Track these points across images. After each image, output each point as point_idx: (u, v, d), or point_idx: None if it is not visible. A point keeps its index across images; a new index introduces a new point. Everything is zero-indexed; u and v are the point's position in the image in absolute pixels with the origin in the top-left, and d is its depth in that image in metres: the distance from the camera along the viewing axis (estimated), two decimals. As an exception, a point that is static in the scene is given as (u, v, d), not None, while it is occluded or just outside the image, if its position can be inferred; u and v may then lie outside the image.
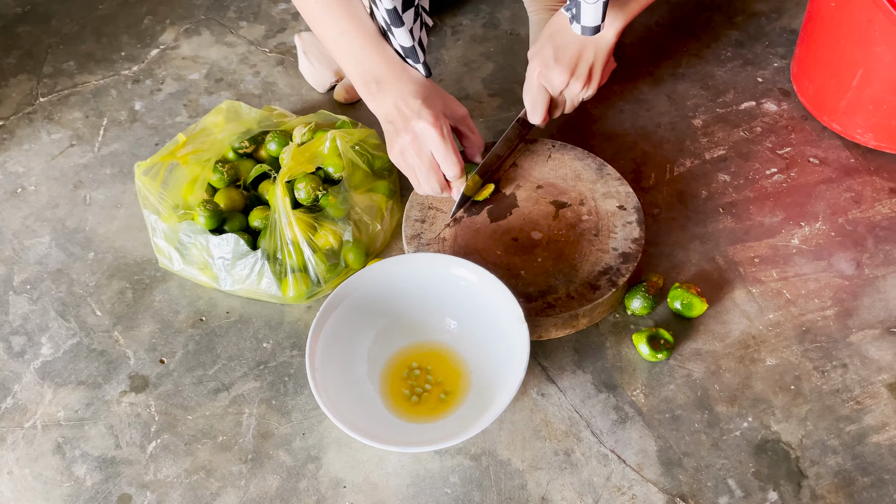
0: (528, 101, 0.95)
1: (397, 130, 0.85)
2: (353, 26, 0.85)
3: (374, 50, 0.86)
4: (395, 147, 0.86)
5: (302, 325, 0.92)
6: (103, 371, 0.89)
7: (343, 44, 0.86)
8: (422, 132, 0.84)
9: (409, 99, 0.84)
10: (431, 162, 0.86)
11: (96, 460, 0.83)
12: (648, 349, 0.85)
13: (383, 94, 0.85)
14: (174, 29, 1.23)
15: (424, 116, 0.83)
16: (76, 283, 0.96)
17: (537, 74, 0.93)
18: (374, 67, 0.86)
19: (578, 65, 0.93)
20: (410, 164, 0.86)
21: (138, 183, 0.90)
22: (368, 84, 0.86)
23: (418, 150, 0.85)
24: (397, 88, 0.85)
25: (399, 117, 0.84)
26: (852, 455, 0.80)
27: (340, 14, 0.85)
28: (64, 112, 1.13)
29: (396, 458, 0.82)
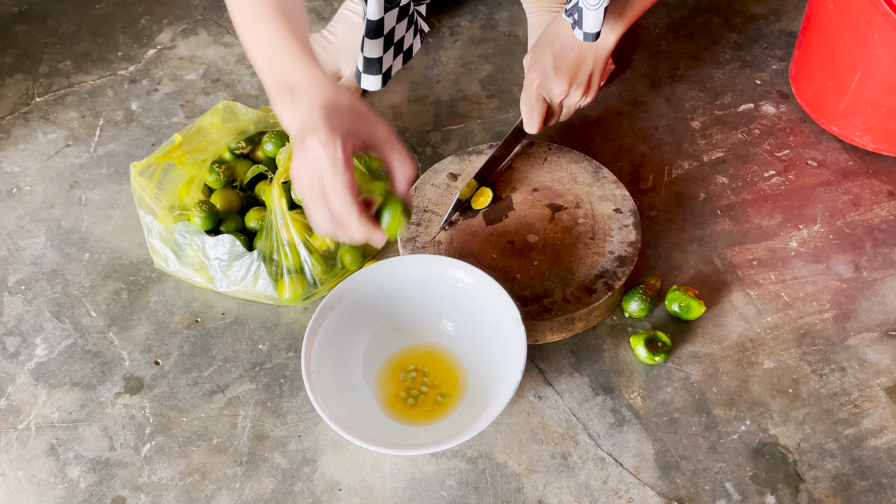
0: (525, 110, 0.93)
1: (295, 148, 0.70)
2: (280, 30, 0.74)
3: (295, 55, 0.73)
4: (293, 167, 0.70)
5: (298, 326, 0.91)
6: (98, 372, 0.88)
7: (264, 48, 0.75)
8: (312, 152, 0.68)
9: (315, 111, 0.69)
10: (321, 192, 0.69)
11: (90, 462, 0.82)
12: (646, 352, 0.84)
13: (295, 105, 0.71)
14: (171, 29, 1.22)
15: (318, 132, 0.68)
16: (71, 283, 0.96)
17: (537, 85, 0.92)
18: (291, 73, 0.73)
19: (578, 73, 0.92)
20: (301, 191, 0.71)
21: (134, 183, 0.90)
22: (282, 92, 0.72)
23: (308, 174, 0.69)
24: (310, 100, 0.71)
25: (300, 133, 0.70)
26: (850, 459, 0.80)
27: (271, 18, 0.74)
28: (60, 112, 1.13)
29: (392, 460, 0.81)
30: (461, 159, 0.98)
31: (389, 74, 0.93)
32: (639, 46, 1.17)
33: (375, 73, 0.90)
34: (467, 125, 1.09)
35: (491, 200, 0.94)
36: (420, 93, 1.12)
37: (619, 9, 0.90)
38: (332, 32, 1.12)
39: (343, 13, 1.13)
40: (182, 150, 0.93)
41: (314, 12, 1.23)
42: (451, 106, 1.11)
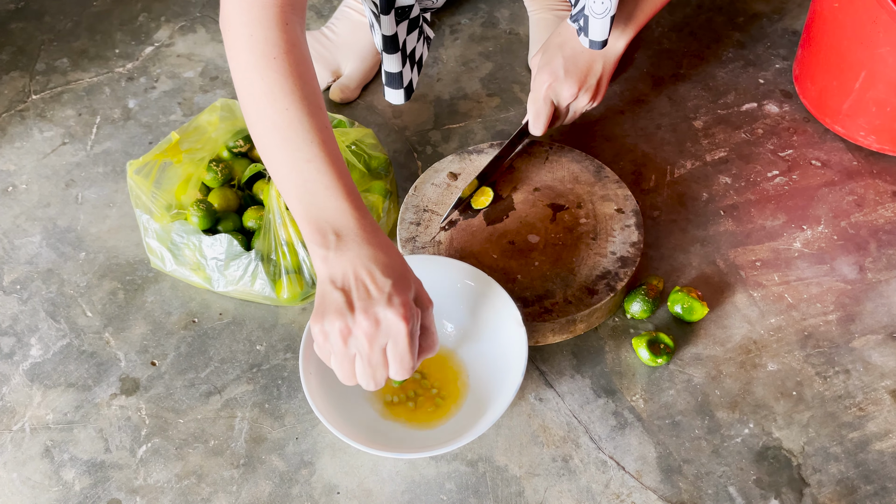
0: (532, 111, 0.93)
1: (350, 307, 0.64)
2: (324, 155, 0.66)
3: (344, 193, 0.66)
4: (334, 324, 0.64)
5: (296, 327, 0.90)
6: (93, 373, 0.87)
7: (306, 172, 0.66)
8: (387, 324, 0.64)
9: (377, 273, 0.64)
10: (382, 359, 0.65)
11: (85, 464, 0.81)
12: (648, 354, 0.83)
13: (341, 252, 0.65)
14: (169, 26, 1.21)
15: (395, 306, 0.63)
16: (67, 283, 0.94)
17: (546, 87, 0.91)
18: (338, 215, 0.66)
19: (588, 78, 0.91)
20: (349, 352, 0.65)
21: (130, 182, 0.89)
22: (325, 233, 0.65)
23: (371, 342, 0.64)
24: (363, 252, 0.65)
25: (358, 292, 0.64)
26: (855, 463, 0.79)
27: (315, 135, 0.66)
28: (56, 110, 1.12)
29: (391, 463, 0.80)
30: (461, 158, 0.97)
31: (412, 88, 0.92)
32: (641, 45, 1.16)
33: (398, 87, 0.90)
34: (468, 124, 1.08)
35: (491, 200, 0.93)
36: (420, 91, 1.11)
37: (628, 14, 0.89)
38: (332, 30, 1.11)
39: (343, 10, 1.12)
40: (179, 149, 0.91)
41: (313, 9, 1.22)
42: (452, 104, 1.10)
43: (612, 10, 0.82)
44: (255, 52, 0.67)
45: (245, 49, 0.67)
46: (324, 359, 0.68)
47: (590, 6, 0.83)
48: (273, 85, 0.66)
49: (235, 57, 0.68)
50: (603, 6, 0.82)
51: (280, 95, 0.66)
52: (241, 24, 0.68)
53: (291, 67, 0.67)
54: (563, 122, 0.97)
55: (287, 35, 0.68)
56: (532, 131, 0.94)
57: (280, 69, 0.66)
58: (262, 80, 0.66)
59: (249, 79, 0.67)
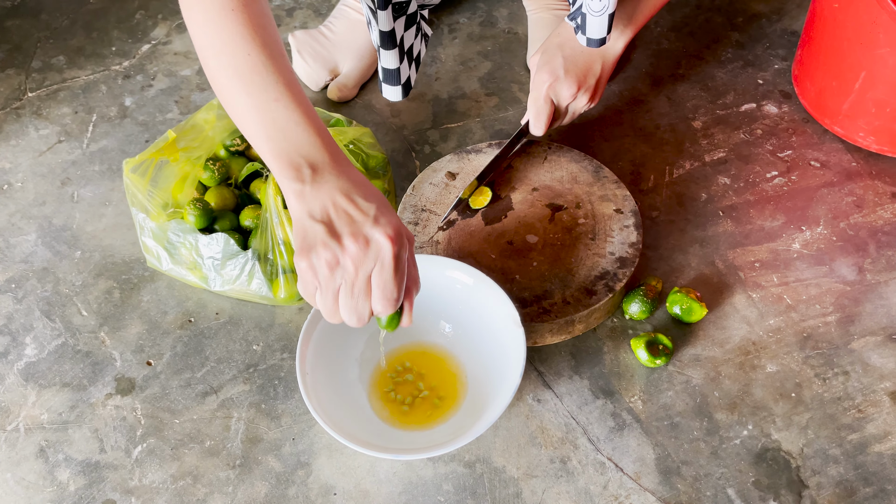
0: (533, 111, 0.92)
1: (335, 235, 0.62)
2: (291, 93, 0.66)
3: (314, 128, 0.65)
4: (319, 255, 0.62)
5: (293, 327, 0.90)
6: (88, 373, 0.87)
7: (274, 111, 0.65)
8: (375, 245, 0.62)
9: (359, 199, 0.63)
10: (366, 287, 0.63)
11: (80, 465, 0.81)
12: (647, 355, 0.83)
13: (319, 185, 0.63)
14: (166, 24, 1.21)
15: (383, 225, 0.62)
16: (62, 282, 0.94)
17: (546, 87, 0.90)
18: (311, 149, 0.64)
19: (587, 78, 0.91)
20: (335, 281, 0.63)
21: (126, 180, 0.88)
22: (299, 167, 0.64)
23: (357, 266, 0.62)
24: (340, 183, 0.64)
25: (340, 220, 0.62)
26: (854, 465, 0.78)
27: (279, 76, 0.66)
28: (52, 107, 1.11)
29: (388, 464, 0.80)
30: (460, 158, 0.97)
31: (410, 85, 0.92)
32: (639, 45, 1.16)
33: (395, 83, 0.89)
34: (466, 123, 1.07)
35: (490, 200, 0.92)
36: (418, 90, 1.11)
37: (627, 15, 0.89)
38: (330, 29, 1.10)
39: (341, 9, 1.11)
40: (176, 147, 0.91)
41: (311, 8, 1.22)
42: (450, 104, 1.09)
43: (610, 8, 0.82)
44: (214, 5, 0.66)
45: (202, 3, 0.67)
46: (309, 298, 0.65)
47: (587, 4, 0.83)
48: (234, 34, 0.66)
49: (192, 8, 0.67)
50: (601, 4, 0.82)
51: (241, 42, 0.66)
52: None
53: (251, 18, 0.66)
54: (562, 122, 0.96)
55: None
56: (533, 131, 0.93)
57: (239, 20, 0.66)
58: (222, 30, 0.66)
59: (208, 32, 0.67)
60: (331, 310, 0.65)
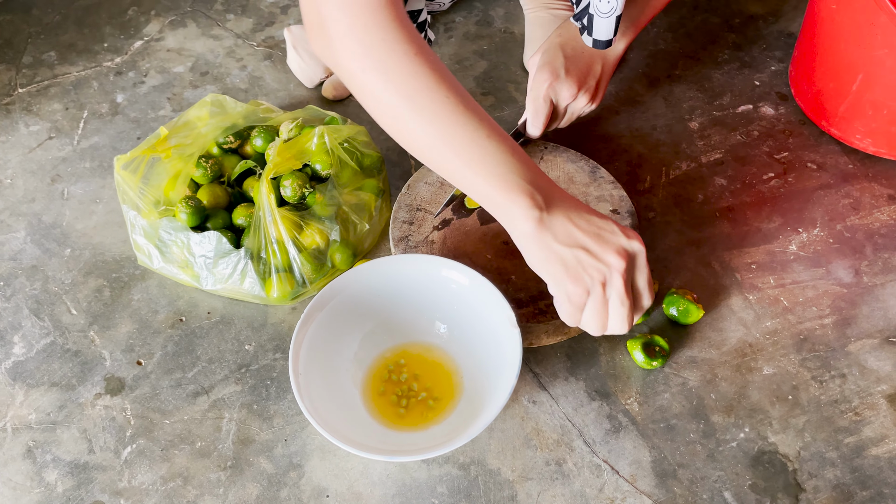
0: (531, 111, 0.91)
1: (598, 256, 0.65)
2: (494, 127, 0.66)
3: (526, 157, 0.66)
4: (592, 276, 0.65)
5: (286, 326, 0.88)
6: (77, 372, 0.85)
7: (489, 146, 0.64)
8: (632, 253, 0.66)
9: (593, 218, 0.65)
10: (630, 293, 0.68)
11: (68, 465, 0.79)
12: (643, 356, 0.82)
13: (553, 209, 0.64)
14: (159, 20, 1.19)
15: (631, 235, 0.65)
16: (51, 280, 0.92)
17: (546, 87, 0.89)
18: (535, 176, 0.65)
19: (587, 79, 0.90)
20: (607, 297, 0.66)
21: (117, 177, 0.87)
22: (533, 195, 0.64)
23: (625, 279, 0.66)
24: (567, 204, 0.66)
25: (594, 240, 0.64)
26: (851, 468, 0.78)
27: (480, 113, 0.65)
28: (43, 103, 1.10)
29: (382, 466, 0.79)
30: (455, 157, 0.96)
31: None
32: (636, 45, 1.15)
33: None
34: (462, 123, 1.06)
35: None
36: (414, 89, 1.10)
37: (629, 17, 0.89)
38: None
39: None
40: (168, 144, 0.90)
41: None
42: (446, 103, 1.08)
43: (618, 10, 0.81)
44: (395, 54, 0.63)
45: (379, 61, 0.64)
46: (575, 322, 0.69)
47: (595, 5, 0.82)
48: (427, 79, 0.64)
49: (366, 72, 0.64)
50: (609, 5, 0.81)
51: (437, 87, 0.64)
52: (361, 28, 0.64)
53: (431, 61, 0.65)
54: (560, 123, 0.95)
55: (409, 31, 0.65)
56: (530, 131, 0.92)
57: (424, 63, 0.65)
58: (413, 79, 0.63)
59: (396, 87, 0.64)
60: (602, 325, 0.69)
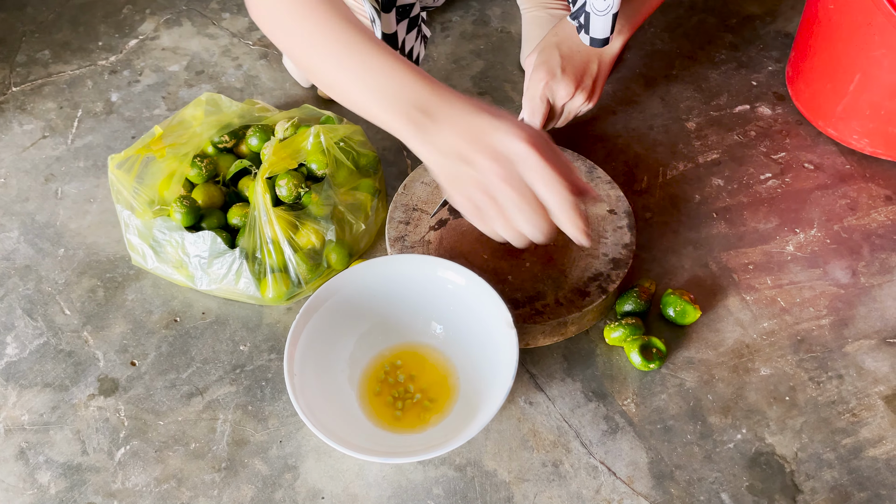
0: (528, 110, 0.90)
1: (471, 161, 0.61)
2: (367, 40, 0.65)
3: (406, 68, 0.64)
4: (468, 188, 0.62)
5: (281, 327, 0.88)
6: (71, 373, 0.85)
7: (357, 67, 0.64)
8: (513, 154, 0.60)
9: (477, 119, 0.62)
10: (531, 198, 0.62)
11: (61, 467, 0.79)
12: (640, 358, 0.82)
13: (438, 125, 0.63)
14: (154, 19, 1.19)
15: (507, 133, 0.60)
16: (45, 280, 0.92)
17: (543, 86, 0.88)
18: (412, 92, 0.63)
19: (584, 77, 0.89)
20: (501, 205, 0.62)
21: (111, 176, 0.87)
22: (412, 116, 0.63)
23: (509, 182, 0.61)
24: (454, 110, 0.63)
25: (470, 144, 0.61)
26: (848, 469, 0.78)
27: (347, 27, 0.65)
28: (37, 102, 1.09)
29: (378, 468, 0.78)
30: (452, 157, 0.95)
31: None
32: (633, 45, 1.15)
33: None
34: (458, 122, 1.06)
35: None
36: (410, 88, 1.09)
37: (625, 16, 0.88)
38: None
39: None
40: (162, 143, 0.89)
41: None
42: (442, 102, 1.08)
43: (614, 8, 0.81)
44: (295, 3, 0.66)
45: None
46: (493, 234, 0.66)
47: (592, 3, 0.82)
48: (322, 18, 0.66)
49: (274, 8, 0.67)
50: (605, 3, 0.81)
51: (326, 18, 0.66)
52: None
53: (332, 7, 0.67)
54: (557, 123, 0.95)
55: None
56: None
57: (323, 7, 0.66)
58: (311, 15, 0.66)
59: (296, 18, 0.67)
60: (515, 236, 0.64)
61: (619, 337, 0.83)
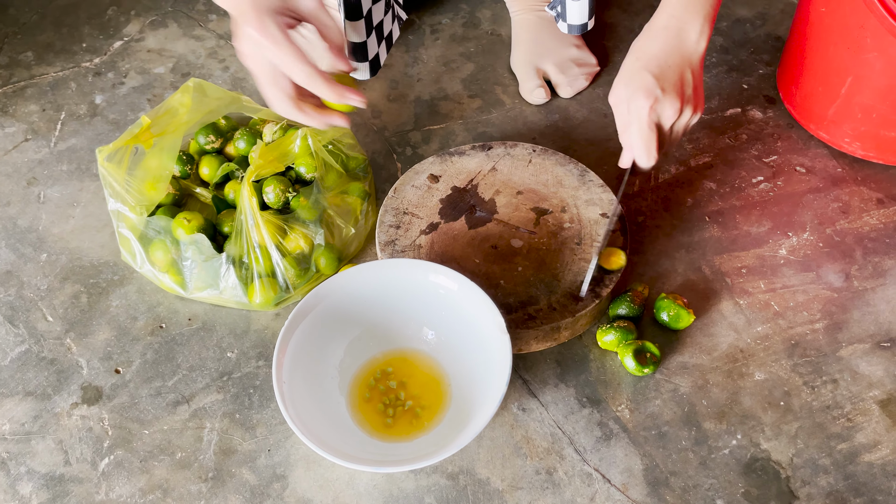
0: (640, 145, 0.80)
1: (235, 38, 0.73)
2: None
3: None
4: (241, 58, 0.74)
5: (269, 333, 0.86)
6: (53, 381, 0.83)
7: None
8: (251, 38, 0.71)
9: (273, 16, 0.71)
10: (274, 72, 0.72)
11: (43, 478, 0.77)
12: (634, 363, 0.81)
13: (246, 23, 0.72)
14: (139, 20, 1.17)
15: (248, 18, 0.70)
16: (26, 286, 0.90)
17: (649, 111, 0.78)
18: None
19: (685, 89, 0.80)
20: (256, 77, 0.74)
21: (102, 170, 0.84)
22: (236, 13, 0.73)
23: (256, 60, 0.72)
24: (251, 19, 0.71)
25: (235, 21, 0.72)
26: (844, 475, 0.77)
27: None
28: (19, 105, 1.07)
29: (368, 477, 0.77)
30: (442, 160, 0.94)
31: (378, 64, 0.88)
32: (623, 47, 1.14)
33: (362, 59, 0.85)
34: (448, 125, 1.05)
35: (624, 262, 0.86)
36: (400, 91, 1.08)
37: (707, 15, 0.81)
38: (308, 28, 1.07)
39: (320, 7, 1.09)
40: (151, 133, 0.87)
41: (290, 6, 1.19)
42: (432, 105, 1.07)
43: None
44: None
45: None
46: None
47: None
48: None
49: None
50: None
51: None
52: None
53: None
54: (671, 146, 0.85)
55: None
56: (644, 164, 0.81)
57: None
58: None
59: None
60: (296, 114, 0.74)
61: (612, 341, 0.82)
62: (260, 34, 0.69)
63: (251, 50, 0.71)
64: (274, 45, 0.70)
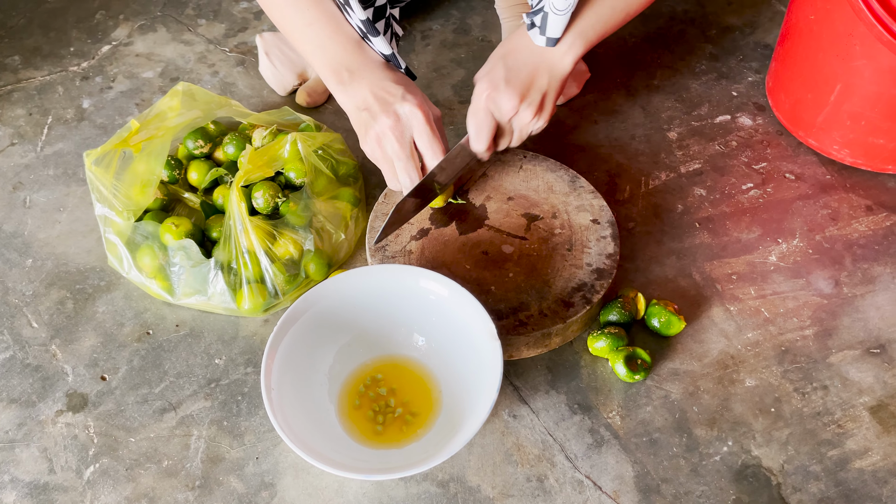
0: (472, 125, 0.84)
1: (374, 116, 0.80)
2: (321, 15, 0.81)
3: (344, 39, 0.82)
4: (370, 135, 0.81)
5: (258, 339, 0.86)
6: (38, 388, 0.82)
7: (309, 34, 0.82)
8: (406, 115, 0.79)
9: (389, 85, 0.80)
10: (412, 149, 0.81)
11: (27, 486, 0.76)
12: (625, 369, 0.81)
13: (357, 83, 0.80)
14: (128, 25, 1.16)
15: (409, 99, 0.79)
16: (11, 291, 0.89)
17: (486, 97, 0.82)
18: (345, 56, 0.81)
19: (530, 91, 0.83)
20: (388, 153, 0.81)
21: (89, 175, 0.84)
22: (339, 73, 0.81)
23: (400, 136, 0.80)
24: (374, 76, 0.80)
25: (377, 102, 0.79)
26: (835, 481, 0.77)
27: (307, 4, 0.81)
28: (6, 109, 1.06)
29: (358, 484, 0.76)
30: (433, 166, 0.94)
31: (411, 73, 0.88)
32: (614, 55, 1.15)
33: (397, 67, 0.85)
34: (439, 131, 1.05)
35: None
36: (390, 97, 1.08)
37: (578, 30, 0.83)
38: None
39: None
40: (139, 137, 0.86)
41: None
42: (423, 111, 1.07)
43: (573, 6, 0.78)
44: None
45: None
46: (384, 171, 0.84)
47: (552, 2, 0.79)
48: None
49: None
50: (566, 3, 0.78)
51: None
52: None
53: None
54: (510, 142, 0.88)
55: None
56: (473, 147, 0.85)
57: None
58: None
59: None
60: (391, 176, 0.83)
61: (603, 348, 0.82)
62: (421, 111, 0.80)
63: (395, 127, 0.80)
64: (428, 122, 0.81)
